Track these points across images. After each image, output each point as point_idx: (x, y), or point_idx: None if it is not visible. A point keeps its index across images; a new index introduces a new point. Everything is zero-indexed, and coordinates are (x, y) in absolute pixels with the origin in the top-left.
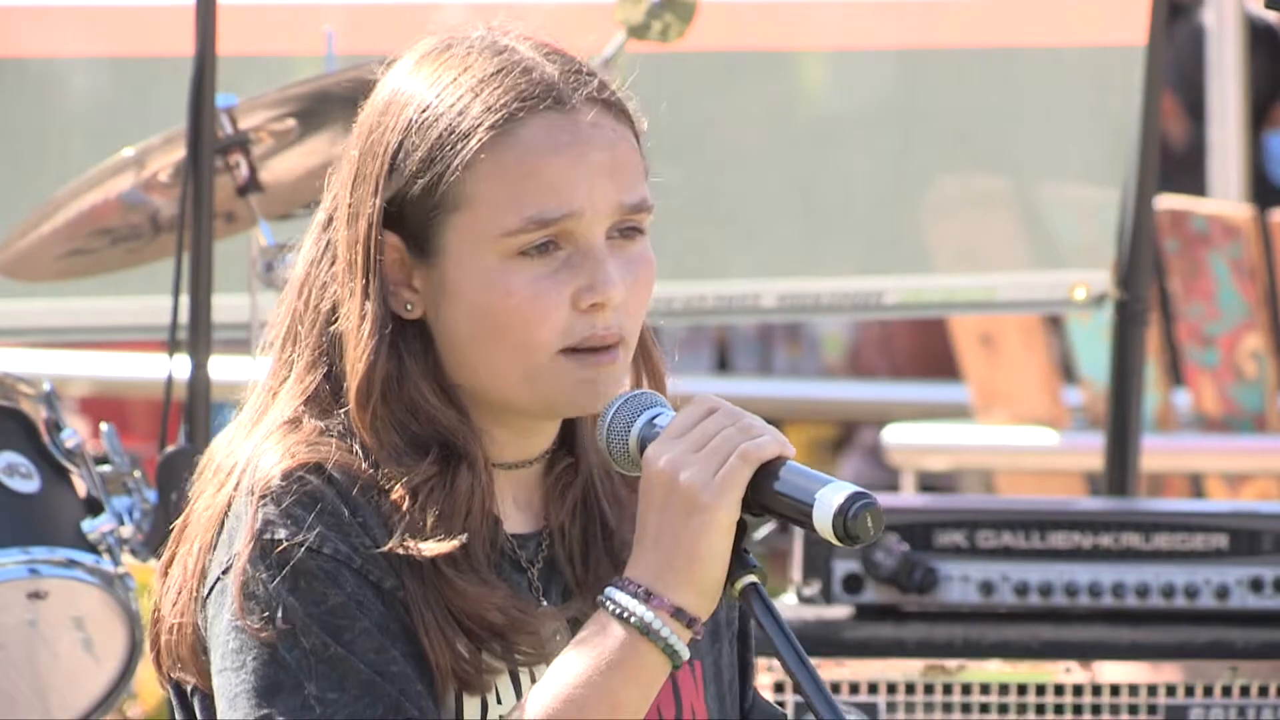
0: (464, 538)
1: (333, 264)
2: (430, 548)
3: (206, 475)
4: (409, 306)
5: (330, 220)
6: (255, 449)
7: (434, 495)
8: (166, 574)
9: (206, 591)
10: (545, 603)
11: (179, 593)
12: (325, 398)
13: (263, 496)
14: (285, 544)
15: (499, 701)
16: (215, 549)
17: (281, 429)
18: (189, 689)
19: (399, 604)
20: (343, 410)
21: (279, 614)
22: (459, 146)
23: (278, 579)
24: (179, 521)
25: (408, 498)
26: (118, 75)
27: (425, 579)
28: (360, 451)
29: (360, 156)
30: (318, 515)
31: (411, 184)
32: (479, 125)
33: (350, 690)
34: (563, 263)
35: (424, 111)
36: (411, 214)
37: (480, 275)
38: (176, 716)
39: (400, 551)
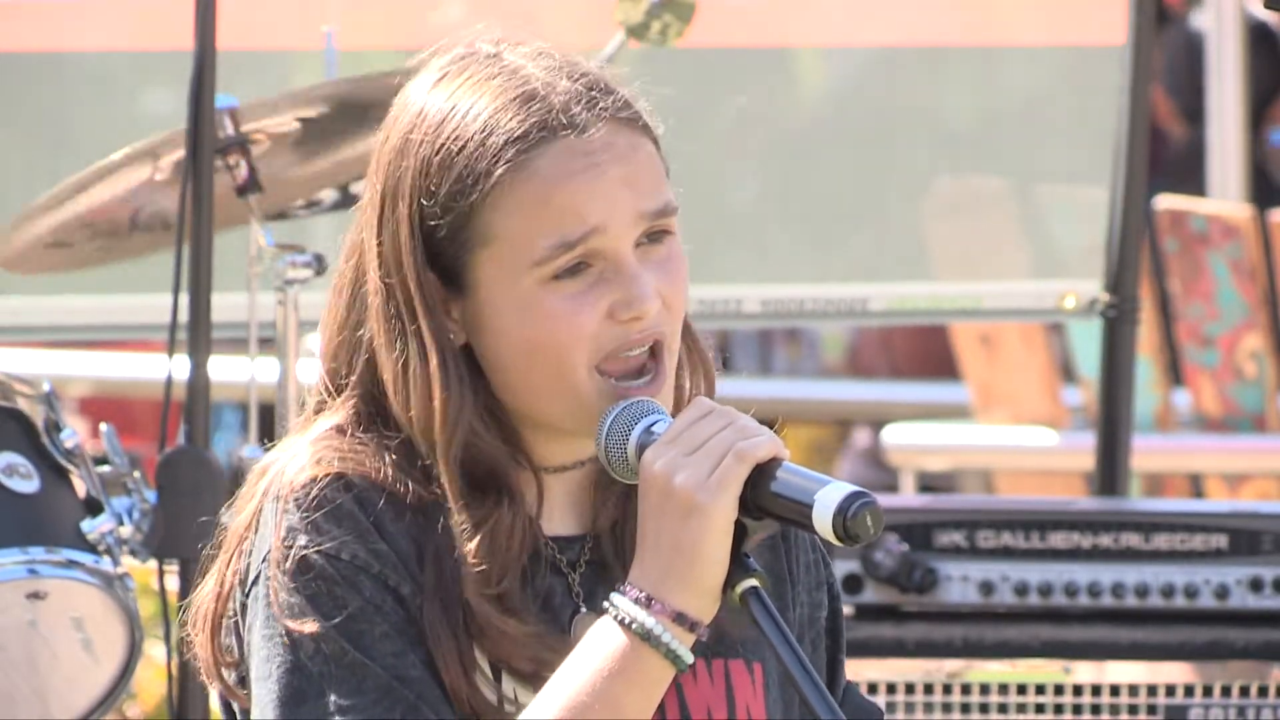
0: (503, 584)
1: (362, 286)
2: (472, 588)
3: (250, 479)
4: (452, 336)
5: (359, 252)
6: (288, 456)
7: (479, 537)
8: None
9: (243, 597)
10: (585, 608)
11: (216, 594)
12: (366, 418)
13: (286, 503)
14: (305, 551)
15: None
16: (247, 554)
17: (318, 438)
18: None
19: (419, 611)
20: (387, 428)
21: (299, 621)
22: (479, 185)
23: (297, 586)
24: (228, 525)
25: (459, 536)
26: (117, 69)
27: (449, 608)
28: (394, 462)
29: (384, 194)
30: (337, 522)
31: (439, 224)
32: (496, 162)
33: (368, 695)
34: (596, 279)
35: (440, 150)
36: (442, 251)
37: (517, 303)
38: (220, 716)
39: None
